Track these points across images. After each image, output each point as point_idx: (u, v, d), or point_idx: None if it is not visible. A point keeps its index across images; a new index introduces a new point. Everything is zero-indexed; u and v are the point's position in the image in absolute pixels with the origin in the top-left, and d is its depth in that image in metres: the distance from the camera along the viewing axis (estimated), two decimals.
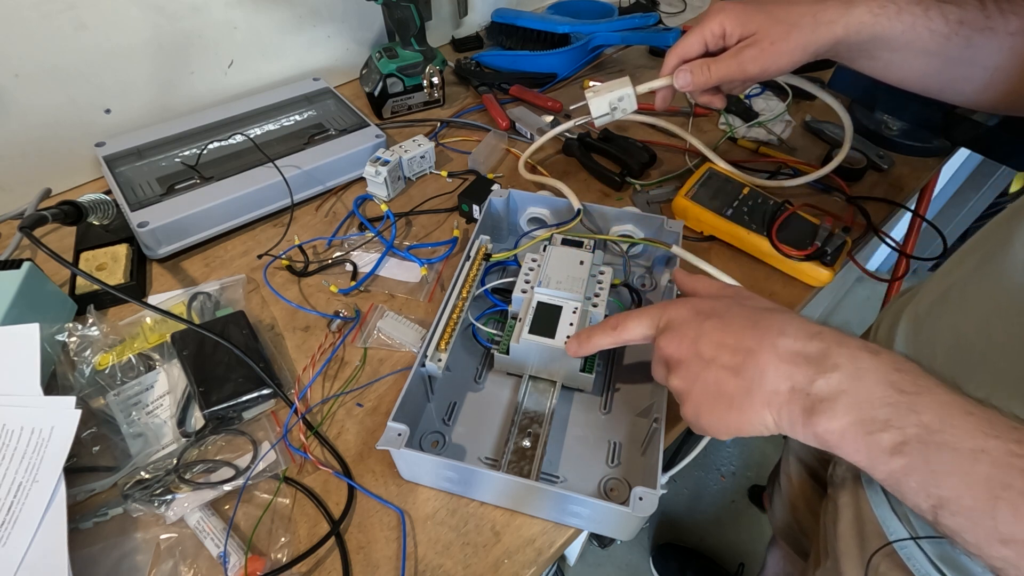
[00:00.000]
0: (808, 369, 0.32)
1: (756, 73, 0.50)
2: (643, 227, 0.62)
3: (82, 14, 0.65)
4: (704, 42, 0.52)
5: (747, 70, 0.50)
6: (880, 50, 0.49)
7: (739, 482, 1.42)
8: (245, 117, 0.77)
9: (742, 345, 0.34)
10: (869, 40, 0.48)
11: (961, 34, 0.46)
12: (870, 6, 0.47)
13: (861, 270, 0.68)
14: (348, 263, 0.64)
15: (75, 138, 0.71)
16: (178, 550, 0.44)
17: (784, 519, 0.81)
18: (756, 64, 0.50)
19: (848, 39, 0.48)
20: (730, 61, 0.51)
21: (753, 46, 0.49)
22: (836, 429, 0.31)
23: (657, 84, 0.56)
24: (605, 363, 0.56)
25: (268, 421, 0.51)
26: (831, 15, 0.47)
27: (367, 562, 0.44)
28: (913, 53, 0.48)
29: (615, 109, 0.59)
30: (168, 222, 0.62)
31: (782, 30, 0.48)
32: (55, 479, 0.43)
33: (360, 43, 0.90)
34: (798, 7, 0.49)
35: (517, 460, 0.47)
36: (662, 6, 1.12)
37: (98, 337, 0.53)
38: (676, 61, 0.54)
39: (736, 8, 0.51)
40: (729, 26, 0.51)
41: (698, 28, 0.52)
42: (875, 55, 0.50)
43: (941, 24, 0.46)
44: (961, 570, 0.41)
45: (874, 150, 0.77)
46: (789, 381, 0.32)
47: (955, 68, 0.48)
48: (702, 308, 0.38)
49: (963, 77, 0.49)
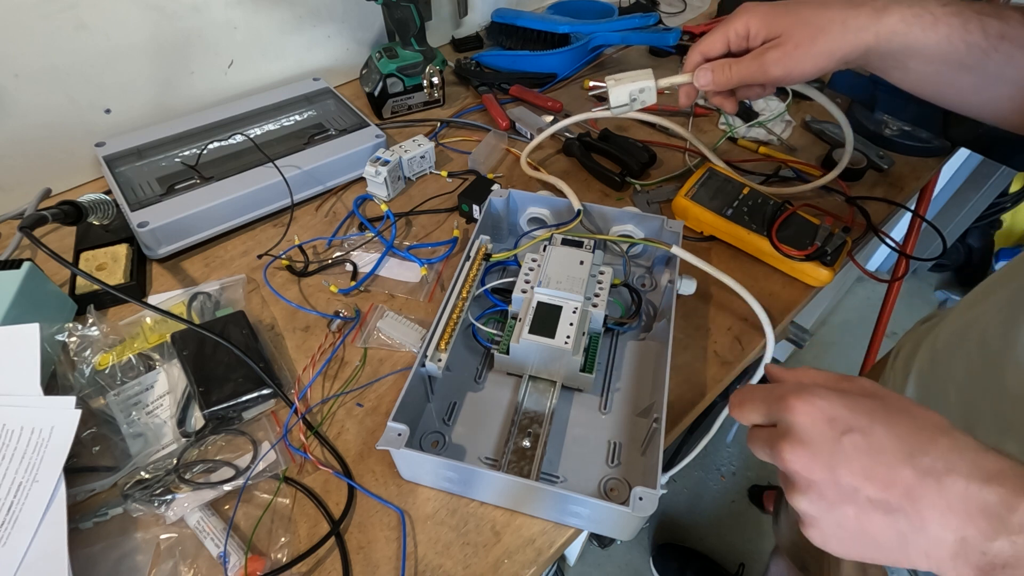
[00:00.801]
0: (985, 524, 0.26)
1: (779, 76, 0.48)
2: (643, 227, 0.62)
3: (82, 14, 0.65)
4: (727, 41, 0.50)
5: (769, 72, 0.48)
6: (913, 61, 0.46)
7: (739, 482, 1.42)
8: (245, 117, 0.77)
9: (896, 480, 0.28)
10: (901, 50, 0.45)
11: (1002, 50, 0.43)
12: (904, 15, 0.44)
13: (861, 270, 0.68)
14: (348, 263, 0.64)
15: (75, 138, 0.71)
16: (178, 550, 0.44)
17: (790, 537, 0.80)
18: (779, 67, 0.47)
19: (879, 48, 0.45)
20: (752, 63, 0.49)
21: (777, 48, 0.47)
22: None
23: (679, 80, 0.55)
24: (605, 363, 0.56)
25: (268, 421, 0.51)
26: (862, 21, 0.45)
27: (367, 562, 0.44)
28: (949, 67, 0.45)
29: (634, 100, 0.57)
30: (168, 222, 0.62)
31: (809, 33, 0.46)
32: (55, 479, 0.43)
33: (360, 43, 0.90)
34: (828, 11, 0.46)
35: (517, 460, 0.47)
36: (662, 6, 1.12)
37: (98, 337, 0.53)
38: (698, 59, 0.52)
39: (763, 8, 0.49)
40: (754, 27, 0.49)
41: (722, 27, 0.50)
42: (908, 66, 0.47)
43: (980, 38, 0.43)
44: None
45: (874, 150, 0.77)
46: (958, 535, 0.27)
47: (994, 86, 0.46)
48: (838, 416, 0.30)
49: (1002, 96, 0.46)
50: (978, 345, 0.42)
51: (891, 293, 1.07)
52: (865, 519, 0.28)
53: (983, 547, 0.26)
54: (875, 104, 0.80)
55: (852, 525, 0.29)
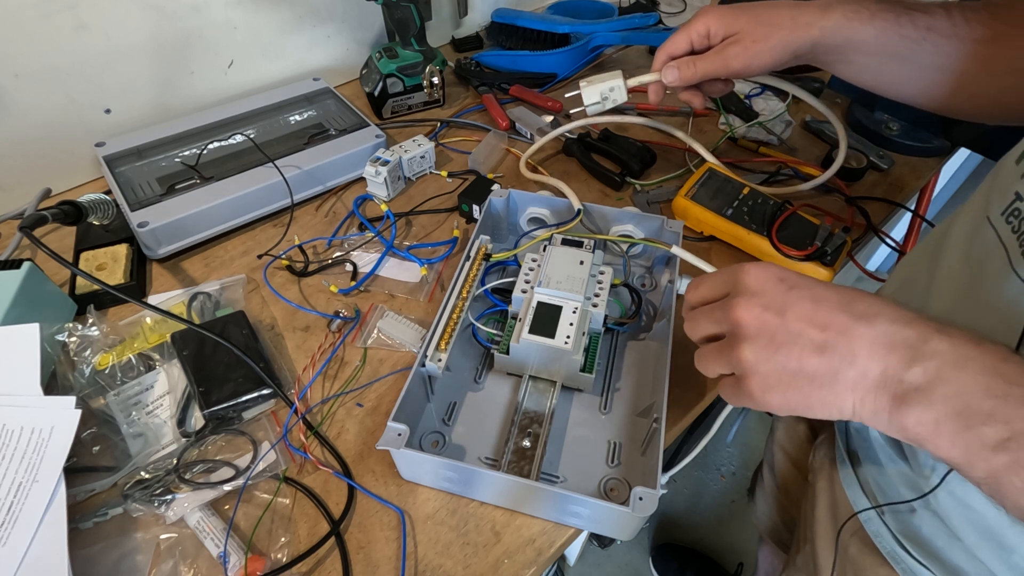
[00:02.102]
0: (904, 354, 0.30)
1: (739, 69, 0.53)
2: (643, 227, 0.62)
3: (82, 14, 0.65)
4: (690, 40, 0.56)
5: (730, 66, 0.53)
6: (854, 53, 0.52)
7: (739, 482, 1.42)
8: (245, 117, 0.77)
9: (834, 322, 0.32)
10: (844, 43, 0.51)
11: (930, 40, 0.48)
12: (845, 11, 0.50)
13: (861, 270, 0.68)
14: (348, 263, 0.64)
15: (75, 138, 0.71)
16: (178, 550, 0.44)
17: (768, 515, 0.82)
18: (739, 60, 0.53)
19: (824, 41, 0.51)
20: (715, 57, 0.54)
21: (736, 44, 0.53)
22: (929, 420, 0.29)
23: (646, 79, 0.60)
24: (605, 363, 0.56)
25: (268, 421, 0.51)
26: (808, 18, 0.51)
27: (367, 562, 0.44)
28: (886, 57, 0.51)
29: (606, 99, 0.62)
30: (168, 222, 0.62)
31: (764, 31, 0.52)
32: (55, 479, 0.43)
33: (360, 43, 0.90)
34: (779, 10, 0.52)
35: (517, 460, 0.47)
36: (662, 6, 1.12)
37: (98, 337, 0.53)
38: (664, 58, 0.57)
39: (721, 10, 0.54)
40: (714, 26, 0.54)
41: (684, 28, 0.56)
42: (850, 59, 0.52)
43: (911, 30, 0.49)
44: (922, 544, 0.42)
45: (874, 150, 0.77)
46: (881, 364, 0.30)
47: (927, 74, 0.50)
48: (786, 277, 0.34)
49: (934, 82, 0.51)
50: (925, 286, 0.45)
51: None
52: (805, 359, 0.32)
53: (901, 375, 0.30)
54: (875, 104, 0.80)
55: (793, 366, 0.32)
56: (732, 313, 0.34)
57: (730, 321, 0.34)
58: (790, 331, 0.32)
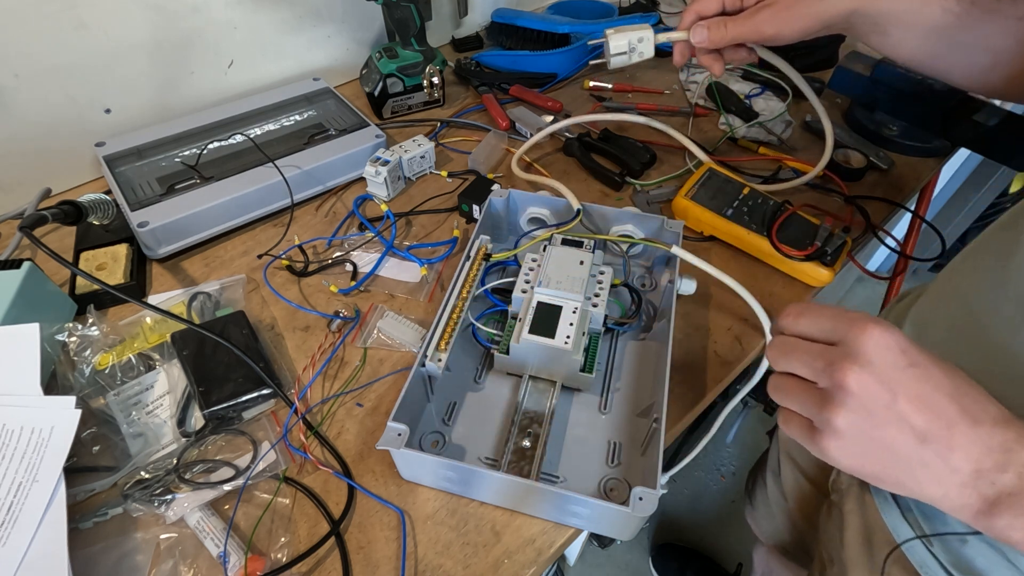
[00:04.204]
0: (999, 458, 0.29)
1: (770, 35, 0.51)
2: (643, 227, 0.62)
3: (82, 13, 0.65)
4: (722, 0, 0.53)
5: (762, 31, 0.51)
6: (892, 26, 0.49)
7: (739, 482, 1.42)
8: (245, 117, 0.77)
9: (942, 413, 0.30)
10: (882, 14, 0.48)
11: (972, 15, 0.46)
12: None
13: (861, 270, 0.68)
14: (348, 263, 0.64)
15: (75, 138, 0.71)
16: (178, 550, 0.44)
17: (771, 523, 0.80)
18: (770, 26, 0.51)
19: (861, 10, 0.49)
20: (746, 21, 0.52)
21: (769, 8, 0.51)
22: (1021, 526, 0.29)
23: (675, 36, 0.57)
24: (605, 363, 0.56)
25: (268, 421, 0.51)
26: None
27: (367, 562, 0.44)
28: (924, 31, 0.48)
29: (633, 50, 0.60)
30: (168, 222, 0.62)
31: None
32: (55, 479, 0.43)
33: (360, 43, 0.90)
34: None
35: (517, 460, 0.47)
36: (662, 6, 1.12)
37: (98, 337, 0.53)
38: (693, 17, 0.55)
39: None
40: None
41: None
42: (887, 31, 0.50)
43: (953, 3, 0.46)
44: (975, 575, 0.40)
45: (874, 150, 0.77)
46: (975, 465, 0.30)
47: (963, 50, 0.49)
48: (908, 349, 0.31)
49: (970, 60, 0.49)
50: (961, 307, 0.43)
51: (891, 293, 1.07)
52: (900, 441, 0.30)
53: (994, 478, 0.29)
54: (875, 104, 0.80)
55: (886, 443, 0.31)
56: (839, 375, 0.31)
57: (834, 381, 0.31)
58: (896, 411, 0.30)
